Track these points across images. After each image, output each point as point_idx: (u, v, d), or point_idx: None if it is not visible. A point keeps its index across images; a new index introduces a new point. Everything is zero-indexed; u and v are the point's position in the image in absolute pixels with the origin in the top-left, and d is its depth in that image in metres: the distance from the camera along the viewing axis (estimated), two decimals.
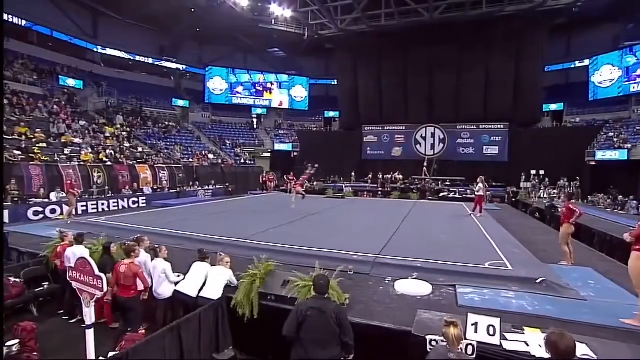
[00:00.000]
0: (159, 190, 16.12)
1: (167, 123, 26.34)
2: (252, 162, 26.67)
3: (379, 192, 21.84)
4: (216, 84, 31.13)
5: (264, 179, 21.50)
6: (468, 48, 25.57)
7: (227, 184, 20.49)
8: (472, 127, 27.24)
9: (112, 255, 4.91)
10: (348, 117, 30.96)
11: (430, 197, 19.58)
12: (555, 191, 17.30)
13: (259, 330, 4.25)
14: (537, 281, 5.01)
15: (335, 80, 32.99)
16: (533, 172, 21.36)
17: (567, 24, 24.55)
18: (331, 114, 33.91)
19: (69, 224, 9.23)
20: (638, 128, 22.01)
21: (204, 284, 4.49)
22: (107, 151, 16.18)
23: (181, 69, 32.58)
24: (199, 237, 7.39)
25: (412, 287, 4.75)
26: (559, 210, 12.65)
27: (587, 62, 25.29)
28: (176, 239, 7.40)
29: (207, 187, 19.03)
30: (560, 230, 6.66)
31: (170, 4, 25.03)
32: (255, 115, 33.46)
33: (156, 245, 4.89)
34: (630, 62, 22.71)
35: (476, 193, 11.72)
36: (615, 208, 14.88)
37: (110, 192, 13.74)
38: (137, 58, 29.77)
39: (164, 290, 4.57)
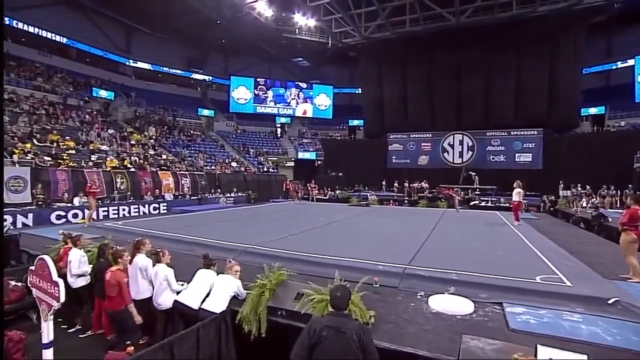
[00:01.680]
0: (180, 196, 16.10)
1: (192, 132, 26.75)
2: (275, 170, 26.49)
3: (405, 201, 20.91)
4: (240, 94, 31.48)
5: (287, 186, 21.17)
6: (497, 51, 24.46)
7: (249, 192, 20.31)
8: (503, 133, 25.85)
9: (109, 259, 4.49)
10: (372, 125, 30.35)
11: (459, 207, 18.47)
12: (599, 199, 15.81)
13: (266, 350, 3.67)
14: (609, 302, 4.08)
15: (359, 89, 32.59)
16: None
17: (607, 22, 23.00)
18: (355, 122, 33.44)
19: (86, 227, 9.15)
20: None
21: (208, 295, 3.98)
22: (132, 158, 16.40)
23: (207, 79, 33.31)
24: (213, 242, 6.96)
25: (450, 304, 3.99)
26: (609, 220, 11.51)
27: (631, 62, 23.52)
28: (188, 244, 7.02)
29: (228, 195, 18.91)
30: (621, 239, 5.72)
31: (198, 17, 25.67)
32: (279, 124, 33.52)
33: (158, 249, 4.42)
34: None
35: (513, 199, 10.62)
36: None
37: (132, 198, 13.78)
38: (166, 70, 30.70)
39: (165, 300, 4.09)
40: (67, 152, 14.17)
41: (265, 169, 25.44)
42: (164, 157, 19.24)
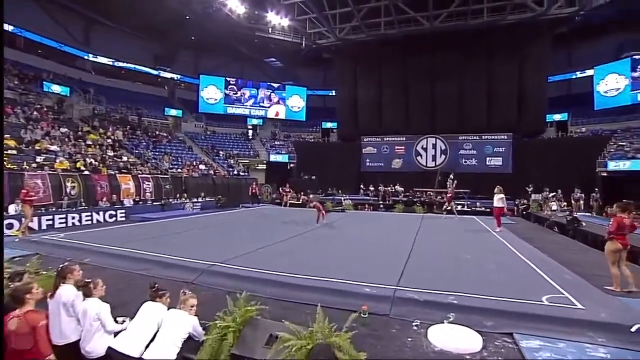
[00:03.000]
0: (141, 202, 14.74)
1: (157, 132, 25.15)
2: (246, 173, 25.41)
3: (381, 205, 20.56)
4: (210, 94, 30.11)
5: (254, 190, 20.17)
6: (470, 57, 24.89)
7: (219, 196, 19.17)
8: (475, 137, 26.33)
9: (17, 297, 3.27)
10: (346, 128, 30.10)
11: (436, 211, 18.34)
12: (574, 204, 16.12)
13: None
14: (633, 330, 3.57)
15: (333, 91, 32.27)
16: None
17: (569, 34, 24.00)
18: (329, 124, 33.02)
19: (17, 241, 7.73)
20: None
21: (154, 337, 3.09)
22: (88, 160, 14.88)
23: (175, 78, 31.67)
24: (172, 259, 5.96)
25: (454, 338, 3.33)
26: (582, 224, 11.57)
27: (590, 72, 24.59)
28: (142, 262, 5.95)
29: (195, 200, 17.71)
30: (605, 248, 5.45)
31: (165, 12, 24.23)
32: (250, 126, 32.40)
33: (88, 280, 3.35)
34: (638, 72, 21.96)
35: (495, 205, 10.28)
36: (635, 220, 13.68)
37: (84, 204, 12.33)
38: (130, 66, 28.84)
39: (96, 346, 3.08)
40: (6, 152, 12.48)
41: (235, 172, 24.30)
42: (125, 159, 17.73)
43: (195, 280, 5.06)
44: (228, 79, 30.52)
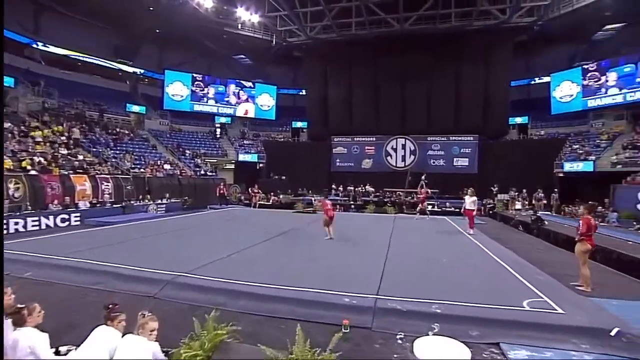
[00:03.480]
0: (99, 204, 13.65)
1: (118, 130, 23.66)
2: (214, 173, 24.50)
3: (352, 206, 20.52)
4: (176, 90, 28.74)
5: (221, 190, 19.44)
6: (439, 60, 25.49)
7: (185, 198, 18.28)
8: (443, 138, 27.03)
9: None
10: (316, 127, 29.93)
11: (407, 212, 18.55)
12: (536, 203, 16.86)
13: None
14: (612, 334, 3.62)
15: (304, 90, 31.98)
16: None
17: (529, 41, 25.23)
18: (299, 124, 32.69)
19: None
20: (598, 141, 22.63)
21: None
22: (36, 158, 13.59)
23: (138, 72, 29.96)
24: (130, 270, 5.34)
25: (442, 351, 3.15)
26: (545, 223, 12.06)
27: (547, 78, 25.95)
28: (94, 274, 5.26)
29: (160, 201, 16.75)
30: (576, 248, 5.59)
31: (125, 1, 22.81)
32: (218, 124, 31.27)
33: (21, 306, 2.73)
34: (587, 80, 23.45)
35: (466, 207, 10.28)
36: (595, 220, 14.54)
37: (30, 208, 11.16)
38: (87, 58, 26.88)
39: None
40: None
41: (202, 172, 23.34)
42: (81, 157, 16.43)
43: (157, 294, 4.59)
44: (195, 75, 29.29)
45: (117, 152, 20.20)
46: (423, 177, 16.83)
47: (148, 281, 4.93)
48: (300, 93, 33.12)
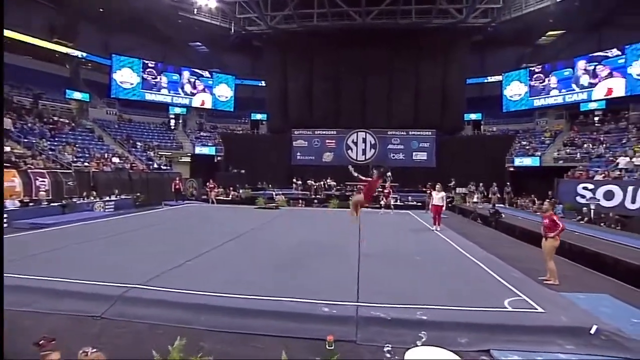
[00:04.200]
0: (32, 203, 12.07)
1: (56, 118, 21.32)
2: (169, 167, 23.01)
3: (315, 201, 20.27)
4: (125, 77, 26.46)
5: (177, 185, 18.28)
6: (400, 56, 25.89)
7: (137, 194, 16.87)
8: (402, 133, 27.61)
9: None
10: (276, 120, 29.33)
11: (368, 205, 18.63)
12: (492, 197, 17.70)
13: None
14: (592, 332, 3.67)
15: (263, 81, 31.06)
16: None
17: (483, 42, 26.42)
18: (258, 116, 31.88)
19: None
20: (542, 138, 24.36)
21: None
22: None
23: (80, 56, 27.09)
24: (69, 285, 4.50)
25: None
26: (503, 216, 12.64)
27: (499, 77, 27.38)
28: (23, 292, 4.29)
29: (108, 198, 15.30)
30: (545, 245, 5.76)
31: None
32: (172, 115, 29.39)
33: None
34: (533, 81, 25.07)
35: (433, 202, 10.06)
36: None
37: None
38: (15, 35, 23.73)
39: None
40: None
41: (156, 166, 21.79)
42: (8, 149, 14.50)
43: (106, 313, 3.93)
44: (146, 61, 27.17)
45: (56, 143, 18.17)
46: (389, 174, 16.97)
47: (93, 297, 4.19)
48: (260, 84, 32.10)
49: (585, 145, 20.63)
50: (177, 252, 6.71)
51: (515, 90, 26.08)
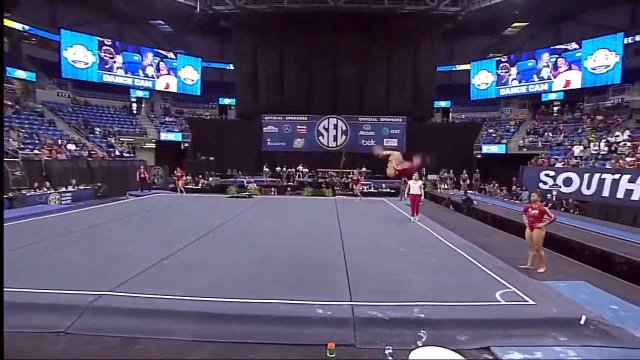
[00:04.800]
0: None
1: None
2: (132, 155, 21.62)
3: (288, 189, 19.94)
4: (79, 55, 24.22)
5: (142, 174, 17.18)
6: (372, 42, 25.70)
7: (98, 184, 15.68)
8: (374, 119, 27.73)
9: None
10: (246, 105, 28.50)
11: (342, 192, 18.63)
12: (463, 184, 18.22)
13: None
14: (582, 322, 3.73)
15: (231, 65, 29.82)
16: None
17: (453, 30, 26.75)
18: (227, 101, 30.76)
19: None
20: (508, 126, 25.34)
21: None
22: None
23: (22, 29, 24.37)
24: (23, 296, 3.86)
25: None
26: (474, 202, 12.99)
27: (467, 66, 27.98)
28: None
29: (64, 189, 14.09)
30: (533, 235, 5.90)
31: None
32: (134, 98, 27.52)
33: None
34: (500, 70, 25.86)
35: (411, 192, 9.79)
36: (511, 198, 16.34)
37: None
38: None
39: None
40: None
41: (118, 153, 20.37)
42: None
43: (72, 327, 3.46)
44: (102, 39, 25.01)
45: None
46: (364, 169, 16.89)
47: (55, 309, 3.64)
48: (228, 67, 30.85)
49: (546, 134, 21.70)
50: (148, 249, 6.19)
51: (482, 79, 26.79)
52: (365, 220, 9.77)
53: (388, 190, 17.89)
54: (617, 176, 13.18)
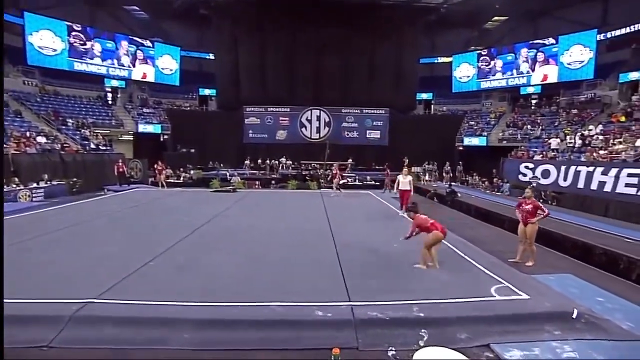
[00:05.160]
0: None
1: None
2: (109, 147, 20.74)
3: (273, 182, 19.70)
4: (46, 41, 22.79)
5: (120, 168, 16.53)
6: (356, 33, 25.52)
7: (73, 179, 14.91)
8: (357, 111, 27.72)
9: None
10: (227, 96, 27.96)
11: (326, 185, 18.55)
12: (446, 176, 18.52)
13: None
14: (574, 316, 3.84)
15: (211, 54, 28.95)
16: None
17: (436, 22, 26.90)
18: (207, 91, 30.00)
19: None
20: (488, 119, 25.87)
21: None
22: None
23: None
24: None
25: None
26: (458, 195, 13.22)
27: (449, 58, 28.25)
28: None
29: (35, 185, 13.35)
30: (526, 230, 6.04)
31: None
32: (109, 88, 26.33)
33: None
34: (481, 63, 26.26)
35: (400, 187, 9.62)
36: (493, 190, 16.74)
37: None
38: None
39: None
40: None
41: (93, 146, 19.45)
42: None
43: (55, 340, 3.24)
44: (71, 24, 23.61)
45: None
46: (350, 161, 16.77)
47: (37, 321, 3.38)
48: (208, 57, 29.94)
49: (525, 127, 22.28)
50: (133, 250, 5.92)
51: (464, 71, 27.13)
52: (354, 215, 9.70)
53: (373, 182, 17.94)
54: (591, 169, 13.64)
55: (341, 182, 15.36)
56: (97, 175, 16.45)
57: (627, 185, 11.72)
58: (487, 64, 25.91)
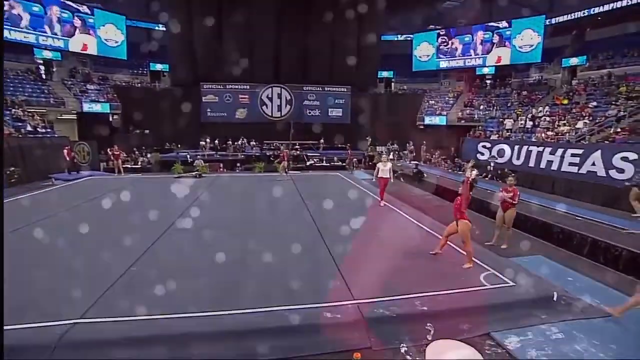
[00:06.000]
0: None
1: None
2: (50, 130, 18.65)
3: (239, 165, 19.04)
4: None
5: (70, 154, 14.94)
6: (316, 8, 24.57)
7: (11, 169, 13.12)
8: (318, 89, 27.32)
9: None
10: (181, 71, 26.14)
11: (294, 167, 18.37)
12: (409, 155, 19.00)
13: None
14: (554, 299, 4.23)
15: (162, 25, 26.59)
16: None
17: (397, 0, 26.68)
18: (159, 66, 27.75)
19: None
20: (447, 98, 26.77)
21: None
22: None
23: None
24: None
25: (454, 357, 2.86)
26: (425, 175, 13.72)
27: (409, 36, 28.47)
28: None
29: None
30: (507, 215, 6.60)
31: None
32: (40, 60, 23.32)
33: None
34: (440, 43, 26.81)
35: (380, 175, 9.11)
36: (455, 169, 17.57)
37: None
38: None
39: None
40: None
41: (30, 129, 17.32)
42: None
43: None
44: None
45: None
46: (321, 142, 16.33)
47: (18, 351, 3.08)
48: (157, 28, 27.48)
49: (481, 107, 23.40)
50: (107, 255, 5.31)
51: (424, 51, 27.57)
52: (332, 202, 9.28)
53: (340, 163, 18.03)
54: (540, 148, 14.81)
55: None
56: (39, 163, 14.70)
57: (570, 164, 12.99)
58: (445, 44, 26.50)
